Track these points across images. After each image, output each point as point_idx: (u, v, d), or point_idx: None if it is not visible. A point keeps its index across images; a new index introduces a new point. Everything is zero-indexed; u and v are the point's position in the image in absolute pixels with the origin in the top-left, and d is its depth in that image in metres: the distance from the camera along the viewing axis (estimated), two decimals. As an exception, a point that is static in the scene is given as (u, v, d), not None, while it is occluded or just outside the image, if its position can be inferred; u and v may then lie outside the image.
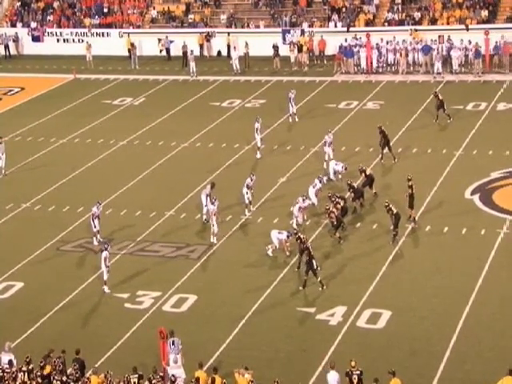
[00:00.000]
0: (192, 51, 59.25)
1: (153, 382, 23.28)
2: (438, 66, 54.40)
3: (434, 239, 33.61)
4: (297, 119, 47.48)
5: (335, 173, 38.62)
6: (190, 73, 57.90)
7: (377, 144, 42.54)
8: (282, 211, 36.26)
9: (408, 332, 27.33)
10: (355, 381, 23.25)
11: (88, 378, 23.94)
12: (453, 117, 46.36)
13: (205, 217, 35.84)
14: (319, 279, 30.07)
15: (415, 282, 30.52)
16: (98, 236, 34.88)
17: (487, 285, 29.90)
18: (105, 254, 30.77)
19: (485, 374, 24.66)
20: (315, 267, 30.24)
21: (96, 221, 34.72)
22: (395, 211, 33.14)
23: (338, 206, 34.18)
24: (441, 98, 46.06)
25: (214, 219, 34.04)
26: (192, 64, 57.88)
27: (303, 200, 34.83)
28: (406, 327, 27.64)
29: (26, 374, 24.18)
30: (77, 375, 23.98)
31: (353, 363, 23.42)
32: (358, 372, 23.28)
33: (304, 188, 36.88)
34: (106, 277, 30.85)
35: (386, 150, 40.89)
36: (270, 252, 32.66)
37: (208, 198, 35.50)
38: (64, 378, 23.90)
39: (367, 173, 37.08)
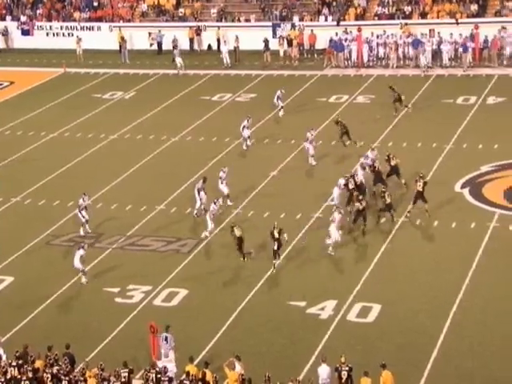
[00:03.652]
0: (176, 46, 59.44)
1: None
2: (423, 59, 54.54)
3: (424, 233, 33.75)
4: (280, 114, 47.35)
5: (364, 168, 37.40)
6: (178, 68, 57.69)
7: (367, 136, 42.80)
8: (273, 205, 36.31)
9: (398, 325, 27.40)
10: (344, 377, 23.29)
11: (80, 371, 24.01)
12: (443, 111, 46.56)
13: (196, 211, 35.84)
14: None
15: (405, 276, 30.59)
16: (87, 226, 34.96)
17: (477, 279, 29.98)
18: (81, 251, 30.69)
19: (474, 367, 24.80)
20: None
21: (84, 212, 34.87)
22: (388, 201, 33.49)
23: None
24: (397, 91, 46.42)
25: (209, 216, 34.09)
26: (179, 59, 57.74)
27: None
28: (396, 321, 27.70)
29: (17, 368, 24.20)
30: (67, 369, 24.01)
31: (342, 359, 23.43)
32: (348, 368, 23.32)
33: (295, 181, 36.98)
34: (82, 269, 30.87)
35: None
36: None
37: (201, 192, 35.55)
38: (54, 371, 23.97)
39: (392, 163, 36.74)
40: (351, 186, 34.85)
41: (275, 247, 31.66)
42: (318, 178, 38.86)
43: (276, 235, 31.68)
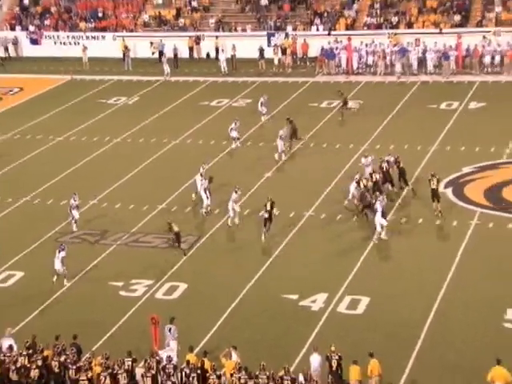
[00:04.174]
0: (165, 55, 59.63)
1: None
2: (398, 67, 54.85)
3: (410, 230, 33.80)
4: (263, 119, 47.31)
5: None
6: (165, 75, 57.84)
7: (356, 140, 42.97)
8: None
9: (385, 317, 27.49)
10: (334, 364, 23.38)
11: (87, 360, 24.10)
12: (426, 115, 46.70)
13: (204, 210, 35.86)
14: None
15: (392, 270, 30.72)
16: (75, 225, 35.17)
17: (459, 273, 30.09)
18: (63, 253, 30.56)
19: (457, 358, 24.93)
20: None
21: (74, 211, 35.06)
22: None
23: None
24: (345, 95, 47.17)
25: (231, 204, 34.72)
26: (166, 66, 57.96)
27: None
28: (384, 313, 27.79)
29: (27, 357, 24.29)
30: (74, 358, 24.11)
31: (333, 348, 23.55)
32: (337, 357, 23.40)
33: (288, 182, 37.08)
34: (63, 272, 30.66)
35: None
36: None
37: (207, 192, 35.59)
38: (61, 360, 24.06)
39: (401, 165, 36.80)
40: (363, 184, 34.87)
41: (266, 216, 33.09)
42: (309, 178, 38.90)
43: (268, 207, 33.11)
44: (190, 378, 23.01)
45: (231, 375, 23.07)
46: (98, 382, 23.40)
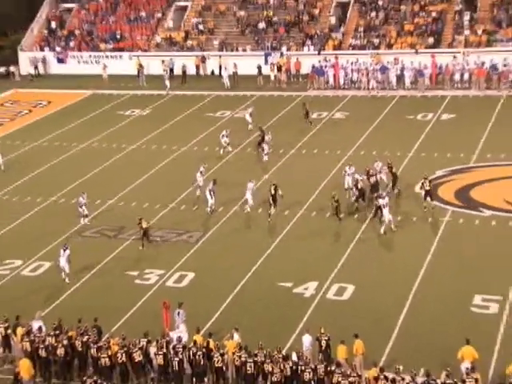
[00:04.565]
0: (166, 71, 59.46)
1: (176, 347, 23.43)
2: (372, 82, 54.82)
3: (391, 226, 33.76)
4: (250, 127, 47.00)
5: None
6: (166, 89, 57.80)
7: (343, 147, 43.03)
8: (265, 202, 36.31)
9: (368, 303, 27.45)
10: (324, 344, 23.38)
11: (106, 340, 24.08)
12: (404, 125, 46.69)
13: (209, 209, 35.78)
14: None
15: (375, 261, 30.68)
16: (86, 220, 35.24)
17: (433, 264, 30.09)
18: (68, 251, 30.33)
19: (431, 338, 24.93)
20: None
21: (83, 207, 35.21)
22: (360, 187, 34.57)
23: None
24: (307, 108, 47.44)
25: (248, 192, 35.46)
26: (167, 82, 57.94)
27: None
28: (367, 299, 27.76)
29: (54, 337, 24.27)
30: (95, 338, 24.09)
31: (322, 330, 23.54)
32: (326, 338, 23.41)
33: (283, 184, 37.00)
34: (67, 270, 30.37)
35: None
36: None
37: (211, 193, 35.51)
38: (84, 340, 24.03)
39: (393, 170, 36.70)
40: (360, 186, 34.81)
41: (271, 201, 34.20)
42: (302, 180, 38.86)
43: (272, 192, 34.32)
44: (197, 356, 22.99)
45: (233, 354, 23.08)
46: (116, 359, 23.40)
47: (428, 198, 34.32)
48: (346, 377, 21.52)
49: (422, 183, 34.67)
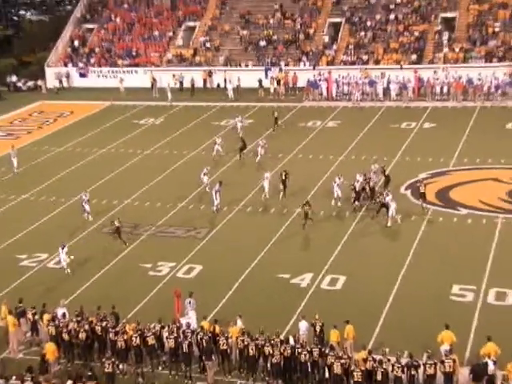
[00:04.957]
0: (169, 84, 59.27)
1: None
2: (357, 95, 54.64)
3: (378, 223, 33.67)
4: (241, 134, 46.54)
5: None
6: (168, 100, 57.67)
7: (335, 152, 43.02)
8: (266, 203, 36.31)
9: (358, 292, 27.44)
10: (318, 329, 23.35)
11: (123, 325, 24.05)
12: (390, 134, 46.56)
13: (215, 208, 35.72)
14: None
15: (364, 254, 30.61)
16: (90, 216, 35.12)
17: (416, 255, 30.09)
18: (66, 249, 30.32)
19: (414, 323, 24.89)
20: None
21: (86, 205, 35.17)
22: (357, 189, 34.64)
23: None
24: (276, 115, 48.15)
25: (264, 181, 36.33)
26: (169, 94, 57.79)
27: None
28: (357, 288, 27.74)
29: (76, 323, 24.25)
30: (113, 324, 24.05)
31: (316, 316, 23.52)
32: (321, 323, 23.39)
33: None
34: (65, 265, 30.38)
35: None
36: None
37: (217, 194, 35.48)
38: (103, 325, 24.00)
39: (386, 173, 36.68)
40: (358, 188, 34.75)
41: (281, 187, 35.73)
42: (299, 182, 38.77)
43: (283, 177, 36.09)
44: (204, 340, 22.94)
45: (236, 338, 23.04)
46: (131, 342, 23.36)
47: (421, 200, 34.31)
48: (339, 359, 21.49)
49: (419, 186, 34.66)
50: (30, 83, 67.89)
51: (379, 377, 21.03)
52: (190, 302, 25.32)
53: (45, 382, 21.08)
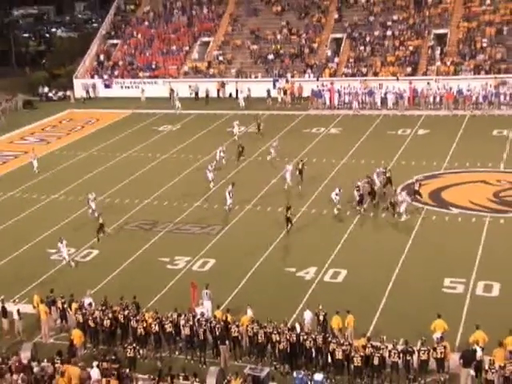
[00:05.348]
0: (177, 93, 59.25)
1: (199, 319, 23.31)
2: (355, 104, 54.39)
3: (376, 220, 33.61)
4: (236, 138, 46.88)
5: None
6: (176, 109, 57.60)
7: (337, 156, 42.90)
8: (274, 203, 36.23)
9: (358, 285, 27.33)
10: (321, 318, 23.28)
11: (143, 314, 24.04)
12: (387, 140, 46.37)
13: (227, 207, 35.61)
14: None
15: (363, 251, 30.48)
16: (96, 213, 34.73)
17: (411, 252, 29.95)
18: (65, 242, 30.42)
19: (409, 313, 24.74)
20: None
21: (92, 203, 35.28)
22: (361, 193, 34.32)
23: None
24: (259, 122, 48.53)
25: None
26: (177, 103, 57.77)
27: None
28: (357, 281, 27.63)
29: (101, 311, 24.26)
30: (134, 313, 24.05)
31: (320, 307, 23.48)
32: (324, 313, 23.32)
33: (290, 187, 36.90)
34: (68, 257, 30.50)
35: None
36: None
37: (230, 194, 35.41)
38: (125, 314, 23.99)
39: (387, 175, 36.55)
40: (361, 191, 34.48)
41: (297, 173, 36.87)
42: (304, 184, 38.69)
43: (299, 167, 37.48)
44: (217, 328, 22.90)
45: (247, 326, 22.99)
46: (150, 329, 23.35)
47: (417, 196, 34.71)
48: (340, 345, 21.43)
49: (414, 184, 34.72)
50: (60, 93, 68.04)
51: (376, 361, 20.97)
52: (206, 293, 25.28)
53: (73, 364, 21.09)
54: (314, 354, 21.93)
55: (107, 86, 67.03)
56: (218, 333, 22.76)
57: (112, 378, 20.46)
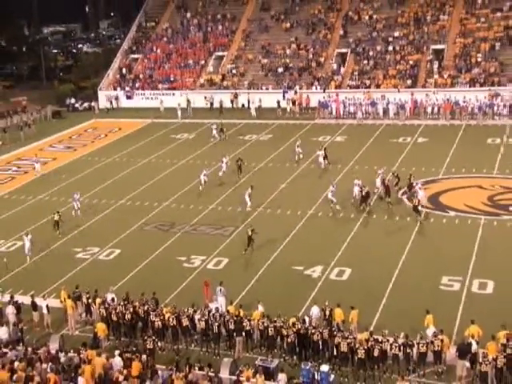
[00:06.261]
0: (179, 104, 59.31)
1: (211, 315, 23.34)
2: (359, 114, 54.37)
3: (379, 223, 33.52)
4: (226, 137, 47.54)
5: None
6: (187, 116, 58.12)
7: (343, 163, 42.85)
8: (283, 205, 36.24)
9: (361, 282, 27.27)
10: (328, 314, 23.22)
11: (161, 309, 24.10)
12: (389, 147, 46.26)
13: (247, 209, 35.46)
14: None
15: (366, 251, 30.39)
16: (79, 212, 35.54)
17: (411, 251, 29.88)
18: (30, 237, 30.82)
19: (408, 309, 24.62)
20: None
21: (77, 202, 35.85)
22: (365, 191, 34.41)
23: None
24: (222, 126, 49.04)
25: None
26: (179, 113, 58.39)
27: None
28: (361, 279, 27.58)
29: (123, 306, 24.33)
30: (153, 307, 24.12)
31: (326, 303, 23.45)
32: (330, 309, 23.29)
33: (296, 191, 36.81)
34: (30, 253, 30.98)
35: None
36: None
37: (249, 196, 35.33)
38: (145, 309, 24.05)
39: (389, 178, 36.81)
40: (364, 193, 34.62)
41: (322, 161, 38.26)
42: (311, 188, 38.69)
43: (325, 154, 38.20)
44: (230, 322, 22.92)
45: (258, 320, 23.00)
46: (168, 323, 23.41)
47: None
48: (345, 339, 21.40)
49: (411, 184, 34.92)
50: (86, 104, 68.34)
51: (376, 353, 20.92)
52: (220, 290, 25.31)
53: (96, 355, 21.18)
54: (320, 347, 21.93)
55: (129, 98, 67.29)
56: (233, 326, 22.78)
57: (136, 361, 20.53)
